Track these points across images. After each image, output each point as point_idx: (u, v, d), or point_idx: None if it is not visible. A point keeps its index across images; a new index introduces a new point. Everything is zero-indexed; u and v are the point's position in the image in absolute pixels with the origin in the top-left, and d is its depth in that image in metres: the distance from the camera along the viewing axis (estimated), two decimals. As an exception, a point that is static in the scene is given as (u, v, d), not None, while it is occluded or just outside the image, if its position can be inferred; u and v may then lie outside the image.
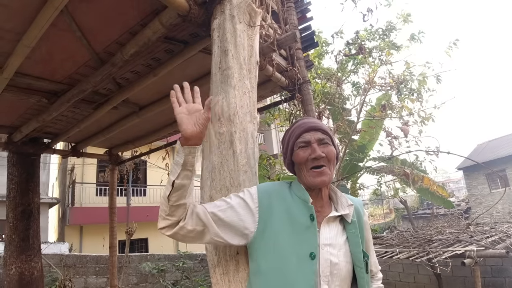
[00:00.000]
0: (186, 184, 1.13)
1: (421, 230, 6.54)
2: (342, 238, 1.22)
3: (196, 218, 1.16)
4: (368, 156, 8.86)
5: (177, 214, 1.14)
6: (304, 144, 1.25)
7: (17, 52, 2.17)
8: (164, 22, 1.95)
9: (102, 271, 8.42)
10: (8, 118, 3.57)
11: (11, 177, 4.05)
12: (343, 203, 1.28)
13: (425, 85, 7.36)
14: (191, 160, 1.13)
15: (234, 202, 1.22)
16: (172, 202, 1.12)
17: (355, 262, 1.20)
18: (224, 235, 1.18)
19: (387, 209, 25.62)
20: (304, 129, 1.27)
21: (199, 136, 1.13)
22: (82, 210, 12.36)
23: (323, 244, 1.17)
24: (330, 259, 1.15)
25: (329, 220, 1.23)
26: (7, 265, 3.85)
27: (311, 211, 1.20)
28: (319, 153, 1.21)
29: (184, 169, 1.12)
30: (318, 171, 1.21)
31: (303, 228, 1.17)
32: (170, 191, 1.11)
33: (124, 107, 3.34)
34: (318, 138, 1.25)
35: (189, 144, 1.12)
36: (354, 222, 1.25)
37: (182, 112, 1.15)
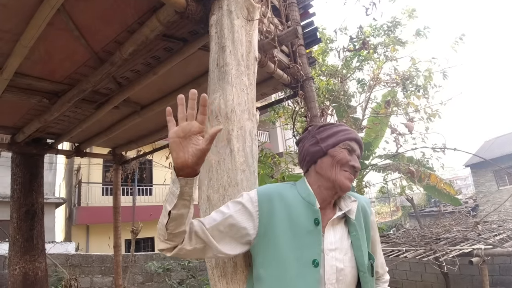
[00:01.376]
0: (184, 213, 1.02)
1: (428, 229, 6.46)
2: (348, 241, 1.17)
3: (195, 237, 1.08)
4: (374, 154, 8.78)
5: (176, 240, 1.06)
6: (351, 149, 1.22)
7: (15, 53, 2.15)
8: (162, 20, 1.92)
9: (108, 271, 8.44)
10: (11, 119, 3.57)
11: (14, 178, 4.06)
12: (346, 201, 1.23)
13: (431, 81, 7.26)
14: (188, 191, 1.00)
15: (233, 211, 1.14)
16: (170, 230, 1.02)
17: (359, 267, 1.15)
18: (226, 250, 1.12)
19: (393, 207, 25.46)
20: (355, 138, 1.25)
21: (194, 167, 0.98)
22: (88, 209, 12.43)
23: (328, 250, 1.12)
24: (336, 265, 1.10)
25: (334, 222, 1.17)
26: (11, 265, 3.86)
27: (316, 215, 1.14)
28: (358, 165, 1.23)
29: (181, 199, 1.00)
30: (349, 176, 1.20)
31: (305, 232, 1.12)
32: (167, 221, 1.01)
33: (125, 106, 3.32)
34: (358, 153, 1.26)
35: (183, 174, 0.98)
36: (355, 223, 1.19)
37: (175, 135, 0.97)
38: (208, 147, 0.99)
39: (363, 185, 8.66)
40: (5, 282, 6.81)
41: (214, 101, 1.54)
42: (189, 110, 0.99)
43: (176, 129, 0.98)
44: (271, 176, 5.68)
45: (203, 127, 1.00)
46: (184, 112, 0.99)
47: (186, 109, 1.00)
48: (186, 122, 0.99)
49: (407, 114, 7.10)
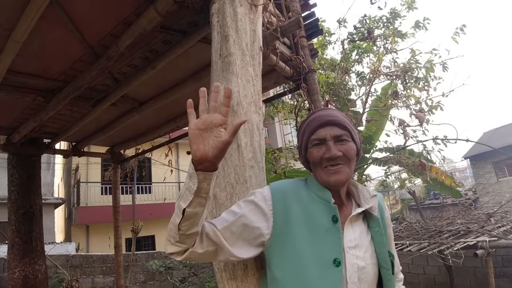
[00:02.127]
0: (199, 212, 0.95)
1: (431, 221, 6.42)
2: (367, 238, 1.10)
3: (206, 239, 1.02)
4: (375, 147, 8.71)
5: (188, 242, 0.99)
6: (319, 142, 1.11)
7: (7, 49, 2.07)
8: (160, 10, 1.83)
9: (109, 270, 8.38)
10: (5, 118, 3.49)
11: (11, 179, 3.98)
12: (366, 196, 1.14)
13: (432, 73, 7.18)
14: (206, 187, 0.93)
15: (245, 210, 1.07)
16: (183, 231, 0.95)
17: (381, 264, 1.08)
18: (239, 253, 1.05)
19: (393, 200, 25.48)
20: (319, 123, 1.11)
21: (214, 160, 0.92)
22: (87, 209, 12.34)
23: (348, 247, 1.04)
24: (357, 263, 1.03)
25: (352, 219, 1.10)
26: (10, 269, 3.80)
27: (334, 212, 1.06)
28: (334, 153, 1.07)
29: (198, 196, 0.93)
30: (333, 169, 1.07)
31: (323, 230, 1.04)
32: (180, 220, 0.94)
33: (123, 103, 3.23)
34: (335, 134, 1.10)
35: (201, 168, 0.92)
36: (378, 218, 1.12)
37: (196, 127, 0.92)
38: (231, 139, 0.94)
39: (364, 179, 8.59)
40: (5, 285, 6.73)
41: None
42: (211, 103, 0.95)
43: (196, 121, 0.93)
44: (274, 171, 5.61)
45: (226, 119, 0.95)
46: (205, 104, 0.94)
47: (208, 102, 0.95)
48: (208, 114, 0.94)
49: (408, 107, 7.01)
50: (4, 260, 7.18)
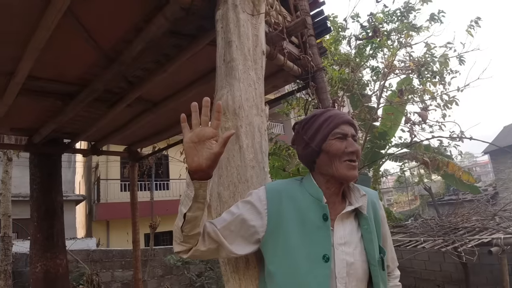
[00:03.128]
0: (198, 215, 1.05)
1: (446, 218, 6.35)
2: (358, 235, 1.16)
3: (208, 238, 1.12)
4: (390, 143, 8.64)
5: (191, 242, 1.10)
6: (342, 136, 1.17)
7: (26, 56, 2.18)
8: (168, 17, 1.92)
9: (128, 265, 8.61)
10: (26, 121, 3.65)
11: (33, 178, 4.16)
12: (356, 195, 1.21)
13: (447, 67, 7.06)
14: (202, 193, 1.03)
15: (243, 210, 1.16)
16: (185, 232, 1.06)
17: (370, 260, 1.13)
18: (237, 250, 1.14)
19: (411, 196, 25.10)
20: (343, 120, 1.20)
21: (207, 170, 1.02)
22: (107, 206, 12.67)
23: (338, 244, 1.11)
24: (346, 259, 1.10)
25: (343, 216, 1.16)
26: (32, 263, 3.97)
27: (324, 210, 1.13)
28: (357, 148, 1.16)
29: (196, 202, 1.03)
30: (353, 164, 1.15)
31: (314, 228, 1.12)
32: (182, 223, 1.04)
33: (138, 104, 3.34)
34: (353, 134, 1.20)
35: (197, 178, 1.02)
36: (367, 217, 1.18)
37: (189, 141, 1.01)
38: (221, 151, 1.01)
39: (380, 175, 8.54)
40: (27, 280, 7.03)
41: (221, 97, 1.53)
42: (203, 117, 1.02)
43: (190, 135, 1.02)
44: (283, 169, 5.65)
45: (217, 132, 1.03)
46: (197, 118, 1.02)
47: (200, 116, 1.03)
48: (200, 127, 1.02)
49: (423, 101, 6.92)
50: (26, 255, 7.48)
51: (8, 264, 6.58)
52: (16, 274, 7.46)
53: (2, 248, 6.56)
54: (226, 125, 1.47)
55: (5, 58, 2.34)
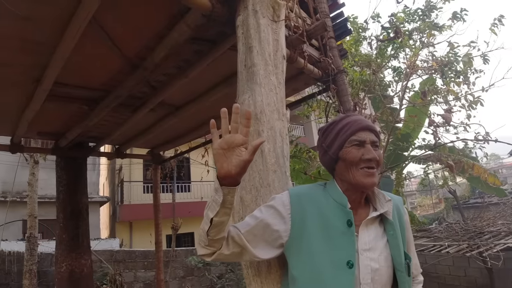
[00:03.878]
0: (225, 220, 1.07)
1: (472, 222, 6.17)
2: (383, 240, 1.15)
3: (232, 242, 1.14)
4: (413, 145, 8.47)
5: (216, 246, 1.12)
6: (359, 143, 1.16)
7: (52, 64, 2.26)
8: (190, 24, 1.95)
9: (150, 265, 8.76)
10: (53, 125, 3.77)
11: (60, 180, 4.29)
12: (381, 200, 1.20)
13: (471, 66, 6.87)
14: (230, 199, 1.05)
15: (266, 214, 1.17)
16: (211, 237, 1.08)
17: (396, 266, 1.12)
18: (261, 254, 1.15)
19: (436, 199, 24.47)
20: (361, 126, 1.18)
21: (235, 177, 1.02)
22: (130, 207, 12.94)
23: (362, 250, 1.10)
24: (370, 265, 1.09)
25: (368, 222, 1.15)
26: (58, 263, 4.08)
27: (348, 216, 1.13)
28: (374, 155, 1.14)
29: (223, 207, 1.04)
30: (370, 172, 1.14)
31: (338, 233, 1.11)
32: (208, 227, 1.06)
33: (160, 108, 3.41)
34: (372, 140, 1.17)
35: (225, 184, 1.03)
36: (393, 222, 1.17)
37: (219, 147, 1.01)
38: (251, 158, 1.02)
39: (403, 178, 8.37)
40: (52, 279, 7.24)
41: (243, 102, 1.55)
42: (232, 124, 1.03)
43: (219, 141, 1.02)
44: (304, 173, 5.62)
45: (246, 139, 1.03)
46: (227, 125, 1.03)
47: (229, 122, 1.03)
48: (229, 134, 1.02)
49: (447, 102, 6.76)
50: (51, 255, 7.70)
51: (34, 263, 6.76)
52: (41, 273, 7.70)
53: (28, 248, 6.75)
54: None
55: (33, 66, 2.44)
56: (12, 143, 3.93)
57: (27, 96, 2.84)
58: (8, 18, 1.85)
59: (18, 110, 3.14)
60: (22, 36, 2.11)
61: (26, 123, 3.28)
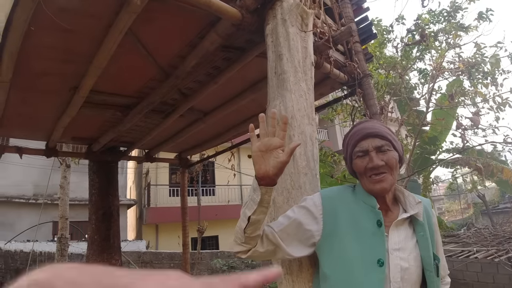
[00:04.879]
0: (261, 218, 1.13)
1: (501, 227, 5.99)
2: (412, 241, 1.18)
3: (266, 240, 1.20)
4: (441, 148, 8.30)
5: (252, 243, 1.18)
6: (362, 154, 1.21)
7: (89, 73, 2.38)
8: (220, 33, 2.04)
9: (176, 267, 8.91)
10: (88, 131, 3.94)
11: (92, 183, 4.46)
12: (411, 202, 1.22)
13: (499, 67, 6.70)
14: (267, 198, 1.11)
15: (298, 214, 1.22)
16: (248, 234, 1.15)
17: (425, 266, 1.15)
18: (294, 252, 1.21)
19: (464, 204, 23.72)
20: (361, 136, 1.22)
21: (273, 177, 1.10)
22: (157, 210, 13.18)
23: (392, 249, 1.14)
24: (400, 264, 1.12)
25: (398, 223, 1.19)
26: (90, 263, 4.21)
27: (378, 216, 1.17)
28: (376, 163, 1.17)
29: (261, 206, 1.11)
30: (377, 178, 1.17)
31: (369, 234, 1.15)
32: (246, 225, 1.13)
33: (190, 114, 3.52)
34: (376, 145, 1.19)
35: (263, 184, 1.10)
36: (423, 223, 1.20)
37: (258, 149, 1.09)
38: (288, 160, 1.09)
39: (430, 182, 8.21)
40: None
41: (274, 107, 1.61)
42: (270, 128, 1.10)
43: (258, 144, 1.09)
44: (331, 176, 5.62)
45: (283, 142, 1.09)
46: (265, 129, 1.10)
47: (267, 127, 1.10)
48: (267, 137, 1.09)
49: (474, 104, 6.61)
50: (81, 256, 7.93)
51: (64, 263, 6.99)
52: (71, 273, 7.93)
53: (58, 249, 6.96)
54: (279, 134, 1.55)
55: (71, 75, 2.58)
56: (47, 148, 4.10)
57: (64, 103, 2.99)
58: (52, 29, 1.98)
59: (55, 116, 3.30)
60: (63, 47, 2.25)
61: (61, 129, 3.43)
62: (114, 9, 1.90)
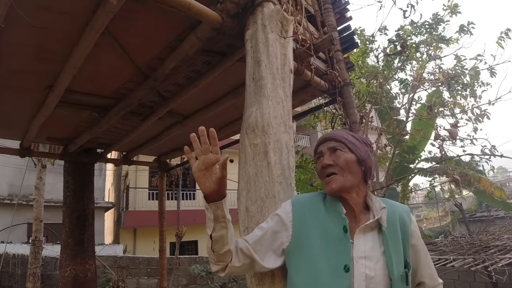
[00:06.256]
0: (224, 234, 1.14)
1: (477, 236, 6.12)
2: (380, 249, 1.15)
3: (241, 254, 1.19)
4: (420, 157, 8.44)
5: (225, 259, 1.17)
6: (318, 156, 1.28)
7: (65, 72, 2.32)
8: (200, 36, 2.01)
9: (153, 272, 8.78)
10: (63, 131, 3.83)
11: (67, 185, 4.33)
12: (377, 208, 1.21)
13: (478, 79, 6.88)
14: (220, 213, 1.13)
15: (271, 224, 1.24)
16: (216, 252, 1.15)
17: (389, 274, 1.12)
18: (268, 264, 1.21)
19: (442, 212, 24.20)
20: (319, 142, 1.30)
21: (219, 192, 1.12)
22: (135, 213, 12.97)
23: (358, 257, 1.12)
24: (365, 272, 1.10)
25: (365, 230, 1.17)
26: (62, 267, 4.09)
27: (344, 222, 1.17)
28: (324, 162, 1.22)
29: (217, 222, 1.13)
30: (328, 179, 1.21)
31: (335, 239, 1.15)
32: (211, 244, 1.14)
33: (169, 117, 3.46)
34: (329, 147, 1.25)
35: (212, 200, 1.12)
36: (386, 230, 1.17)
37: (198, 169, 1.11)
38: (224, 174, 1.11)
39: (408, 190, 8.33)
40: (56, 283, 7.26)
41: (250, 114, 1.58)
42: (203, 145, 1.11)
43: (197, 164, 1.11)
44: (310, 184, 5.63)
45: (218, 157, 1.11)
46: (199, 148, 1.11)
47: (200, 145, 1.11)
48: (204, 155, 1.11)
49: (453, 115, 6.76)
50: (55, 259, 7.72)
51: (38, 267, 6.78)
52: (45, 277, 7.73)
53: (32, 251, 6.77)
54: (255, 141, 1.52)
55: (46, 73, 2.50)
56: (21, 147, 3.97)
57: (38, 102, 2.91)
58: (24, 25, 1.90)
59: (29, 115, 3.20)
60: (38, 45, 2.18)
61: (36, 128, 3.33)
62: (90, 8, 1.84)
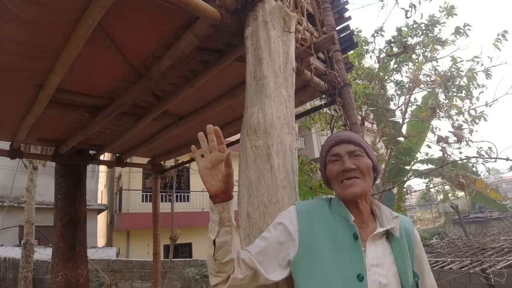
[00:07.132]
0: (228, 240, 1.08)
1: (474, 238, 6.09)
2: (390, 257, 1.13)
3: (244, 265, 1.12)
4: (416, 159, 8.42)
5: (227, 270, 1.10)
6: (335, 158, 1.20)
7: (56, 70, 2.22)
8: (197, 33, 1.92)
9: (147, 276, 8.64)
10: (54, 132, 3.72)
11: (58, 188, 4.21)
12: (388, 217, 1.18)
13: (475, 81, 6.87)
14: (227, 215, 1.07)
15: (274, 234, 1.17)
16: (218, 260, 1.08)
17: (403, 283, 1.09)
18: (273, 276, 1.13)
19: (436, 213, 24.32)
20: (334, 142, 1.22)
21: (226, 192, 1.07)
22: (129, 216, 12.80)
23: (370, 265, 1.08)
24: (379, 280, 1.06)
25: (375, 237, 1.14)
26: (54, 272, 3.97)
27: (353, 230, 1.12)
28: (347, 165, 1.16)
29: (222, 226, 1.07)
30: (349, 182, 1.15)
31: (347, 248, 1.10)
32: (214, 250, 1.07)
33: (164, 118, 3.37)
34: (349, 150, 1.19)
35: (219, 201, 1.07)
36: (399, 239, 1.14)
37: (205, 168, 1.07)
38: (229, 171, 1.06)
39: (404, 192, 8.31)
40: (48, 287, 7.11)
41: (252, 115, 1.50)
42: (210, 143, 1.08)
43: (203, 163, 1.08)
44: (309, 188, 5.57)
45: (224, 154, 1.08)
46: (206, 146, 1.09)
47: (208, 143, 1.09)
48: (210, 154, 1.08)
49: (450, 117, 6.74)
50: (47, 263, 7.57)
51: (29, 271, 6.67)
52: (37, 281, 7.57)
53: (24, 255, 6.66)
54: (257, 143, 1.44)
55: (36, 71, 2.40)
56: (11, 149, 3.86)
57: (28, 102, 2.80)
58: (12, 21, 1.82)
59: (19, 115, 3.09)
60: (28, 41, 2.08)
61: (26, 129, 3.23)
62: (82, 3, 1.75)
